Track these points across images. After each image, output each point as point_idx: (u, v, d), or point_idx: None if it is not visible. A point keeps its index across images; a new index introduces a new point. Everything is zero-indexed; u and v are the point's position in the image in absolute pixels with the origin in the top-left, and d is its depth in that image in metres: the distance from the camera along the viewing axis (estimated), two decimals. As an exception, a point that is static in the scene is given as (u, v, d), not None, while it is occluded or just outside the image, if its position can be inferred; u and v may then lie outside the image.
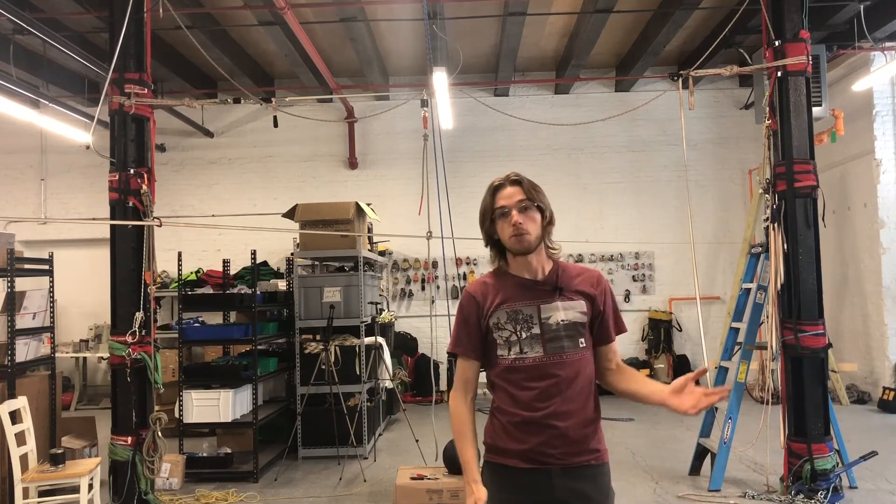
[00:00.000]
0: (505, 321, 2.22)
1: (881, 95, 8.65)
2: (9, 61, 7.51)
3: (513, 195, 2.25)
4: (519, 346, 2.20)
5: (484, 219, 2.30)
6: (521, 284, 2.26)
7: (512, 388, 2.20)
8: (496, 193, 2.28)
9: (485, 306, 2.25)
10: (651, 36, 8.57)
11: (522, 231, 2.20)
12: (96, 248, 8.77)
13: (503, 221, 2.24)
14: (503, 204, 2.25)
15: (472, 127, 10.31)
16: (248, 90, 9.33)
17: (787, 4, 5.25)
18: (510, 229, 2.21)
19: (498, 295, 2.25)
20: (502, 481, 2.20)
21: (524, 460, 2.16)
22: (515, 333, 2.21)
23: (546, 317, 2.21)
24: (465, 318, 2.29)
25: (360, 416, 6.66)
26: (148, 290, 5.12)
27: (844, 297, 9.37)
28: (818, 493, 4.92)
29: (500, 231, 2.26)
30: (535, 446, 2.15)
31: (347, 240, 6.79)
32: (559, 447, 2.15)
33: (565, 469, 2.15)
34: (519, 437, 2.17)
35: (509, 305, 2.23)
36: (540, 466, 2.15)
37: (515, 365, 2.20)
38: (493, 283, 2.30)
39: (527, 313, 2.22)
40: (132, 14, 5.13)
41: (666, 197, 10.31)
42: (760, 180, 5.46)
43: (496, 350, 2.24)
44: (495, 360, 2.25)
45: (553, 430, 2.14)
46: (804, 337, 5.09)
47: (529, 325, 2.21)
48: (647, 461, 6.28)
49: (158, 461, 5.14)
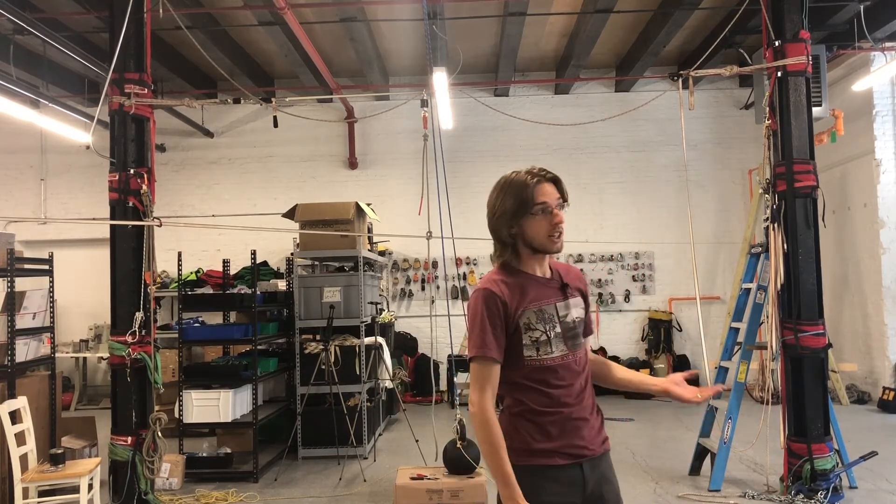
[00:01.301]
0: (536, 321, 2.18)
1: (881, 95, 8.65)
2: (9, 61, 7.51)
3: (552, 193, 2.19)
4: (549, 345, 2.18)
5: (516, 214, 2.17)
6: (539, 283, 2.25)
7: (545, 388, 2.17)
8: (537, 187, 2.17)
9: (512, 306, 2.16)
10: (651, 36, 8.57)
11: (562, 231, 2.19)
12: (96, 248, 8.76)
13: (542, 218, 2.17)
14: (545, 200, 2.17)
15: (472, 127, 10.32)
16: (248, 90, 9.33)
17: (787, 4, 5.25)
18: (549, 228, 2.17)
19: (523, 294, 2.19)
20: (540, 482, 2.14)
21: (564, 457, 2.16)
22: (545, 333, 2.18)
23: (563, 315, 2.23)
24: (493, 319, 2.14)
25: (360, 416, 6.66)
26: (148, 290, 5.12)
27: (844, 297, 9.37)
28: (818, 493, 4.92)
29: (534, 226, 2.17)
30: (574, 440, 2.17)
31: (347, 240, 6.79)
32: (588, 439, 2.20)
33: (592, 459, 2.21)
34: (556, 435, 2.16)
35: (536, 305, 2.20)
36: (576, 461, 2.17)
37: (546, 364, 2.18)
38: (512, 281, 2.21)
39: (550, 312, 2.21)
40: (132, 14, 5.13)
41: (666, 197, 10.31)
42: (760, 180, 5.46)
43: (522, 350, 2.17)
44: (521, 362, 2.18)
45: (584, 422, 2.20)
46: (804, 337, 5.09)
47: (553, 324, 2.21)
48: (647, 461, 6.28)
49: (158, 461, 5.14)
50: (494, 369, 2.14)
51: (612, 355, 10.12)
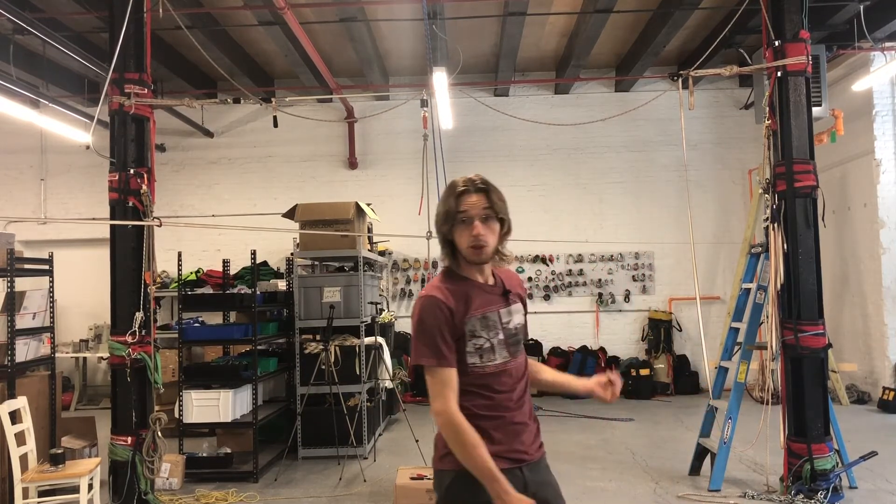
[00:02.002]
0: (480, 329, 2.21)
1: (881, 95, 8.65)
2: (9, 61, 7.51)
3: (477, 203, 2.20)
4: (492, 352, 2.21)
5: (444, 219, 2.23)
6: (482, 289, 2.27)
7: (488, 393, 2.20)
8: (461, 198, 2.21)
9: (458, 314, 2.18)
10: (651, 36, 8.57)
11: (482, 244, 2.18)
12: (96, 248, 8.76)
13: (464, 228, 2.19)
14: (466, 210, 2.19)
15: (472, 127, 10.31)
16: (248, 90, 9.33)
17: (787, 4, 5.25)
18: (469, 238, 2.18)
19: (467, 301, 2.21)
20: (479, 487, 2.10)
21: (505, 461, 2.16)
22: (489, 340, 2.21)
23: (506, 321, 2.27)
24: (439, 326, 2.15)
25: (360, 416, 6.66)
26: (148, 290, 5.12)
27: (844, 297, 9.37)
28: (818, 493, 4.92)
29: (458, 236, 2.21)
30: (515, 445, 2.21)
31: (347, 240, 6.79)
32: (529, 443, 2.24)
33: (532, 463, 2.24)
34: (500, 439, 2.18)
35: (480, 312, 2.22)
36: (515, 465, 2.20)
37: (489, 371, 2.21)
38: (456, 288, 2.22)
39: (493, 319, 2.24)
40: (132, 14, 5.13)
41: (666, 197, 10.31)
42: (760, 180, 5.46)
43: (466, 358, 2.19)
44: (465, 368, 2.19)
45: (524, 427, 2.24)
46: (804, 337, 5.09)
47: (496, 331, 2.23)
48: (647, 461, 6.28)
49: (158, 461, 5.14)
50: (452, 373, 2.16)
51: (612, 355, 10.14)
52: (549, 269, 10.36)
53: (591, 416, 8.36)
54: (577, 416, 8.42)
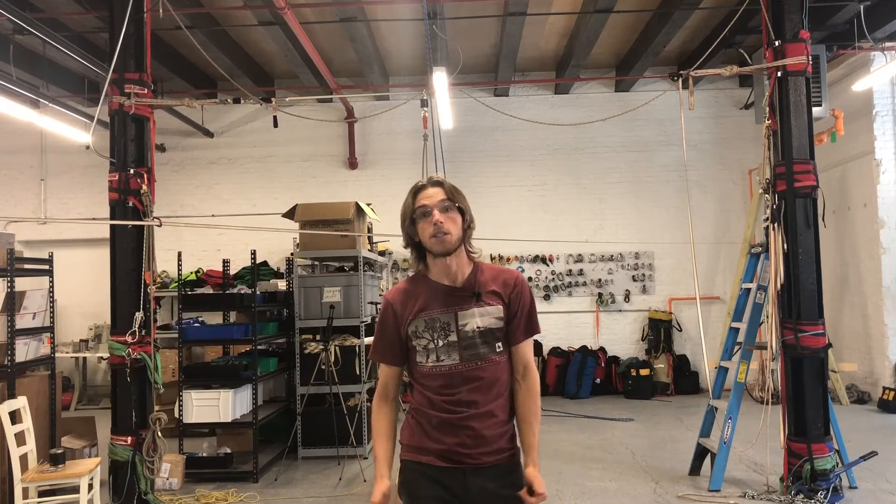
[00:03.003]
0: (423, 329, 2.25)
1: (881, 95, 8.65)
2: (9, 61, 7.51)
3: (434, 195, 2.25)
4: (436, 353, 2.24)
5: (404, 219, 2.30)
6: (439, 291, 2.28)
7: (429, 392, 2.25)
8: (418, 194, 2.28)
9: (403, 315, 2.27)
10: (651, 36, 8.57)
11: (443, 230, 2.20)
12: (96, 248, 8.75)
13: (424, 221, 2.23)
14: (424, 203, 2.24)
15: (472, 127, 10.31)
16: (248, 90, 9.33)
17: (787, 4, 5.25)
18: (431, 229, 2.21)
19: (416, 303, 2.27)
20: (418, 478, 2.24)
21: (440, 459, 2.22)
22: (433, 341, 2.25)
23: (463, 324, 2.25)
24: (384, 326, 2.32)
25: (360, 416, 6.66)
26: (148, 290, 5.12)
27: (844, 297, 9.37)
28: (818, 493, 4.92)
29: (421, 232, 2.25)
30: (451, 446, 2.21)
31: (347, 240, 6.79)
32: (473, 447, 2.21)
33: (478, 468, 2.21)
34: (435, 437, 2.22)
35: (427, 314, 2.25)
36: (455, 465, 2.21)
37: (433, 372, 2.25)
38: (412, 290, 2.31)
39: (444, 321, 2.25)
40: (132, 14, 5.13)
41: (666, 197, 10.31)
42: (760, 180, 5.46)
43: (415, 356, 2.28)
44: (414, 366, 2.30)
45: (468, 431, 2.21)
46: (804, 337, 5.09)
47: (447, 333, 2.24)
48: (647, 461, 6.28)
49: (158, 461, 5.14)
50: (385, 370, 2.37)
51: (612, 355, 10.13)
52: (549, 268, 10.36)
53: (591, 416, 8.36)
54: (577, 416, 8.42)
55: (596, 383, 9.85)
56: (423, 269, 2.33)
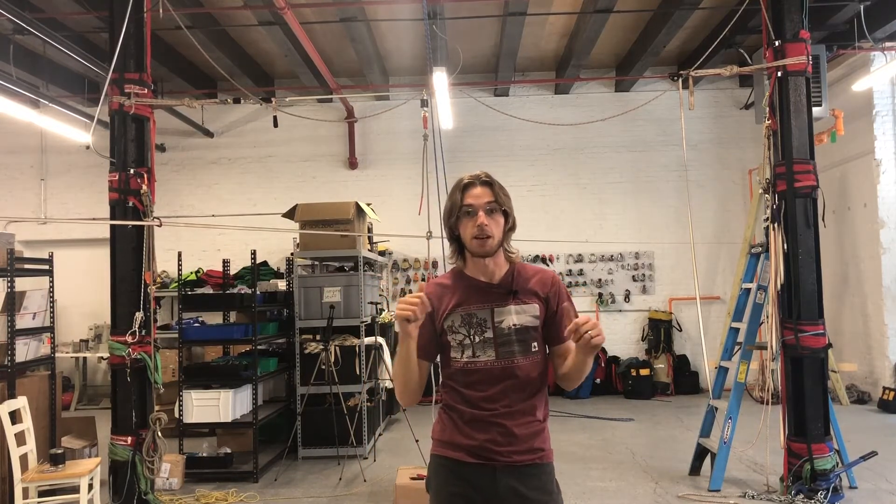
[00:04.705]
0: (459, 324, 2.25)
1: (881, 95, 8.65)
2: (9, 61, 7.52)
3: (481, 196, 2.24)
4: (472, 349, 2.23)
5: (450, 214, 2.28)
6: (477, 287, 2.28)
7: (463, 389, 2.24)
8: (465, 191, 2.26)
9: (440, 309, 2.26)
10: (651, 36, 8.57)
11: (486, 234, 2.20)
12: (96, 248, 8.75)
13: (468, 220, 2.23)
14: (471, 203, 2.23)
15: (472, 127, 10.31)
16: (248, 90, 9.33)
17: (787, 4, 5.25)
18: (474, 230, 2.21)
19: (453, 297, 2.27)
20: (448, 474, 2.24)
21: (470, 455, 2.21)
22: (469, 337, 2.24)
23: (499, 321, 2.24)
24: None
25: (360, 416, 6.66)
26: (148, 290, 5.12)
27: (844, 297, 9.37)
28: (818, 493, 4.92)
29: (463, 229, 2.26)
30: (482, 443, 2.20)
31: (347, 240, 6.79)
32: (505, 445, 2.19)
33: (510, 467, 2.20)
34: (467, 433, 2.22)
35: (464, 309, 2.25)
36: (485, 462, 2.20)
37: (467, 368, 2.23)
38: (450, 284, 2.31)
39: (480, 317, 2.24)
40: (132, 14, 5.13)
41: (666, 197, 10.31)
42: (760, 180, 5.46)
43: (450, 352, 2.26)
44: (449, 362, 2.28)
45: (500, 429, 2.19)
46: (804, 337, 5.09)
47: (483, 329, 2.24)
48: (647, 461, 6.28)
49: (158, 461, 5.14)
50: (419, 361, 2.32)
51: (612, 355, 10.13)
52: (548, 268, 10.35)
53: (592, 416, 8.36)
54: (578, 416, 8.42)
55: (596, 383, 9.85)
56: (462, 265, 2.33)
